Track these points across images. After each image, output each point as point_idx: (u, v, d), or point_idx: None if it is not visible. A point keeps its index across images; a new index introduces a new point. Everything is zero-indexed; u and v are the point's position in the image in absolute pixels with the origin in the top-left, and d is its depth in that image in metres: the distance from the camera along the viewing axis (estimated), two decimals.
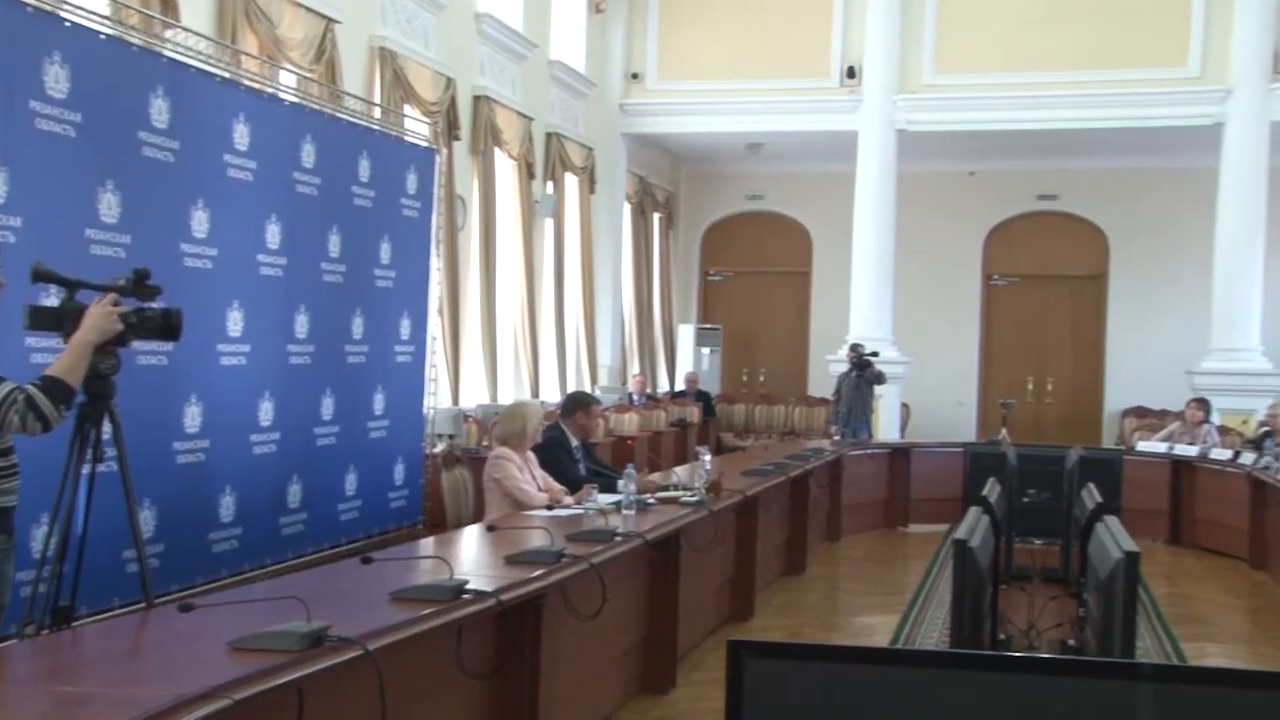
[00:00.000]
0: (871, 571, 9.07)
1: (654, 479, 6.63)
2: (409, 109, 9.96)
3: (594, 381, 14.32)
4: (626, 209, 15.65)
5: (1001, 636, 4.38)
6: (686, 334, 16.74)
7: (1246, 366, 13.02)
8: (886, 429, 13.60)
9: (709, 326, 17.03)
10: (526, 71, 12.72)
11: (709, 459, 6.67)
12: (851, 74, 14.25)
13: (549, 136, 13.31)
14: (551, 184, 13.35)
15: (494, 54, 12.02)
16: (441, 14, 10.86)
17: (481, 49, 11.77)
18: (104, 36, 5.72)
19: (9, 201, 5.00)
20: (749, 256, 17.77)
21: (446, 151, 10.07)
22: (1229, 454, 10.05)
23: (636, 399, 14.39)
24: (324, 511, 7.54)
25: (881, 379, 12.35)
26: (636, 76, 15.08)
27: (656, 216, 16.82)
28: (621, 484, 5.69)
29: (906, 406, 14.65)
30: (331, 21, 8.80)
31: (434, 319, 9.14)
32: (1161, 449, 10.78)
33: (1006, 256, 16.79)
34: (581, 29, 14.42)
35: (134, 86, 5.79)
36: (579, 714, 4.66)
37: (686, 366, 16.27)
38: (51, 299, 4.31)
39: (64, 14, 5.45)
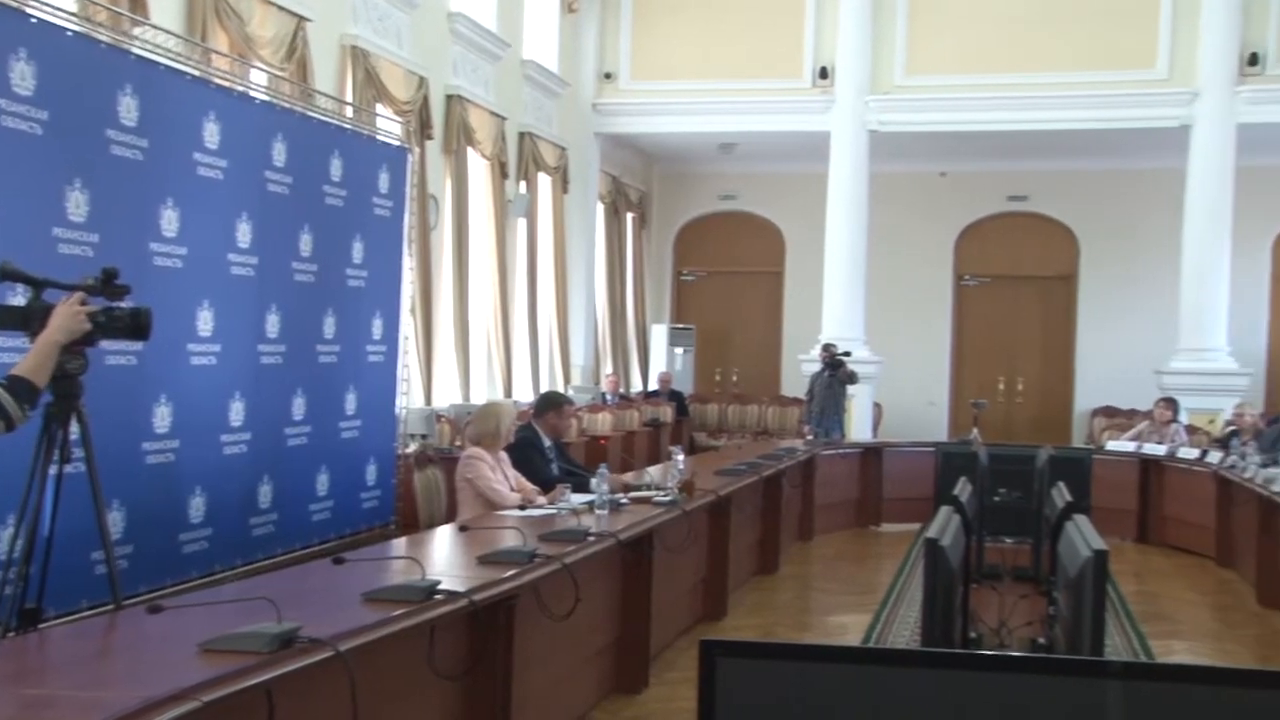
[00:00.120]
0: (844, 571, 9.10)
1: (627, 479, 6.63)
2: (381, 108, 9.92)
3: (567, 381, 14.31)
4: (600, 209, 15.64)
5: (972, 635, 4.41)
6: (660, 334, 16.75)
7: (1214, 366, 13.14)
8: (859, 429, 13.64)
9: (682, 326, 17.05)
10: (499, 71, 12.70)
11: (682, 459, 6.69)
12: (824, 75, 14.30)
13: (522, 136, 13.29)
14: (524, 183, 13.32)
15: (467, 53, 11.99)
16: (414, 13, 10.82)
17: (454, 48, 11.74)
18: (71, 33, 5.66)
19: None
20: (722, 256, 17.79)
21: (419, 151, 10.03)
22: (1196, 453, 10.13)
23: (610, 399, 14.39)
24: (295, 512, 7.50)
25: (854, 379, 12.39)
26: (610, 76, 15.07)
27: (630, 216, 16.82)
28: (594, 484, 5.70)
29: (879, 406, 14.71)
30: (303, 20, 8.75)
31: (406, 319, 9.11)
32: (1130, 448, 10.87)
33: (978, 257, 16.89)
34: (554, 28, 14.40)
35: (102, 84, 5.74)
36: (551, 714, 4.65)
37: (660, 366, 16.29)
38: (18, 298, 4.26)
39: (30, 10, 5.39)
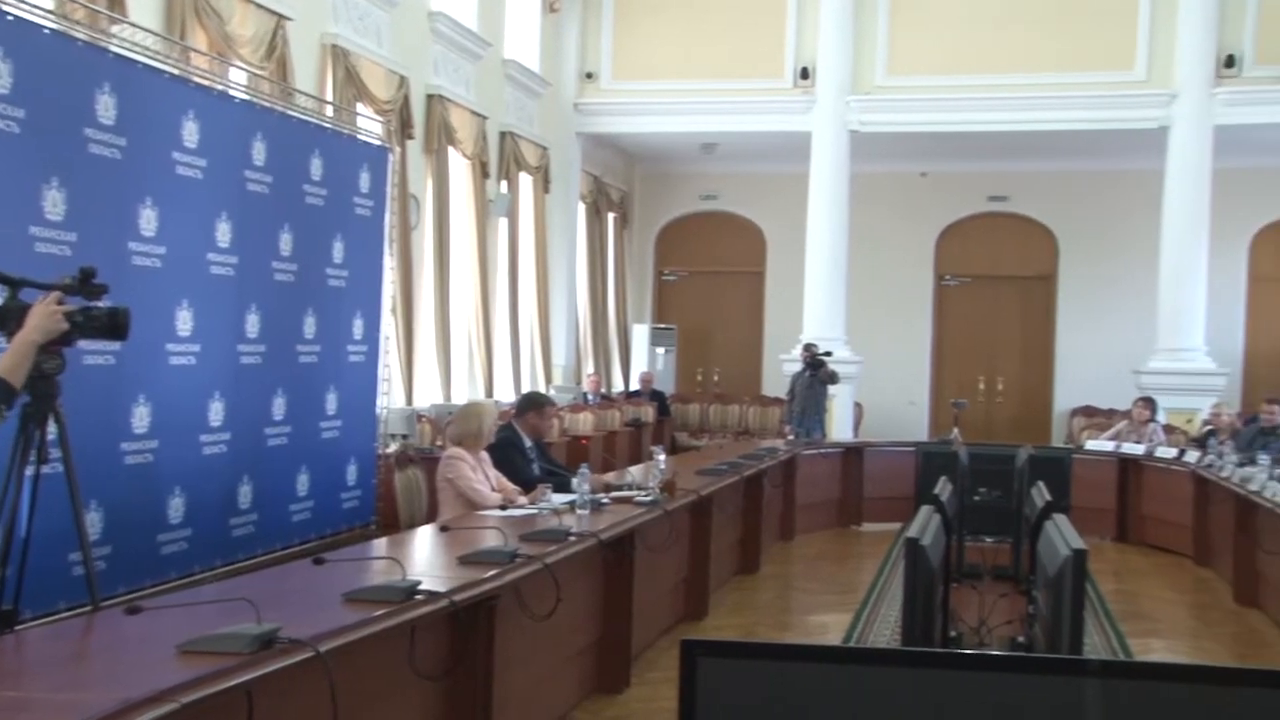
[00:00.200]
0: (824, 570, 9.12)
1: (608, 479, 6.64)
2: (361, 107, 9.89)
3: (548, 381, 14.29)
4: (581, 208, 15.63)
5: (952, 634, 4.42)
6: (641, 334, 16.75)
7: (1191, 366, 13.23)
8: (840, 428, 13.67)
9: (663, 326, 17.05)
10: (480, 70, 12.67)
11: (663, 459, 6.68)
12: (805, 75, 14.33)
13: (503, 135, 13.27)
14: (506, 183, 13.30)
15: (447, 52, 11.96)
16: (394, 12, 10.79)
17: (435, 47, 11.71)
18: (48, 31, 5.62)
19: None
20: (703, 256, 17.81)
21: (400, 150, 10.01)
22: (1174, 452, 10.20)
23: (591, 399, 14.38)
24: (275, 512, 7.47)
25: (835, 378, 12.41)
26: (591, 76, 15.06)
27: (611, 216, 16.81)
28: (575, 483, 5.69)
29: (859, 406, 14.74)
30: (283, 18, 8.71)
31: (387, 318, 9.09)
32: (1109, 448, 10.92)
33: (958, 257, 16.95)
34: (536, 28, 14.38)
35: (79, 82, 5.70)
36: (533, 714, 4.65)
37: (641, 366, 16.28)
38: None
39: (6, 8, 5.35)
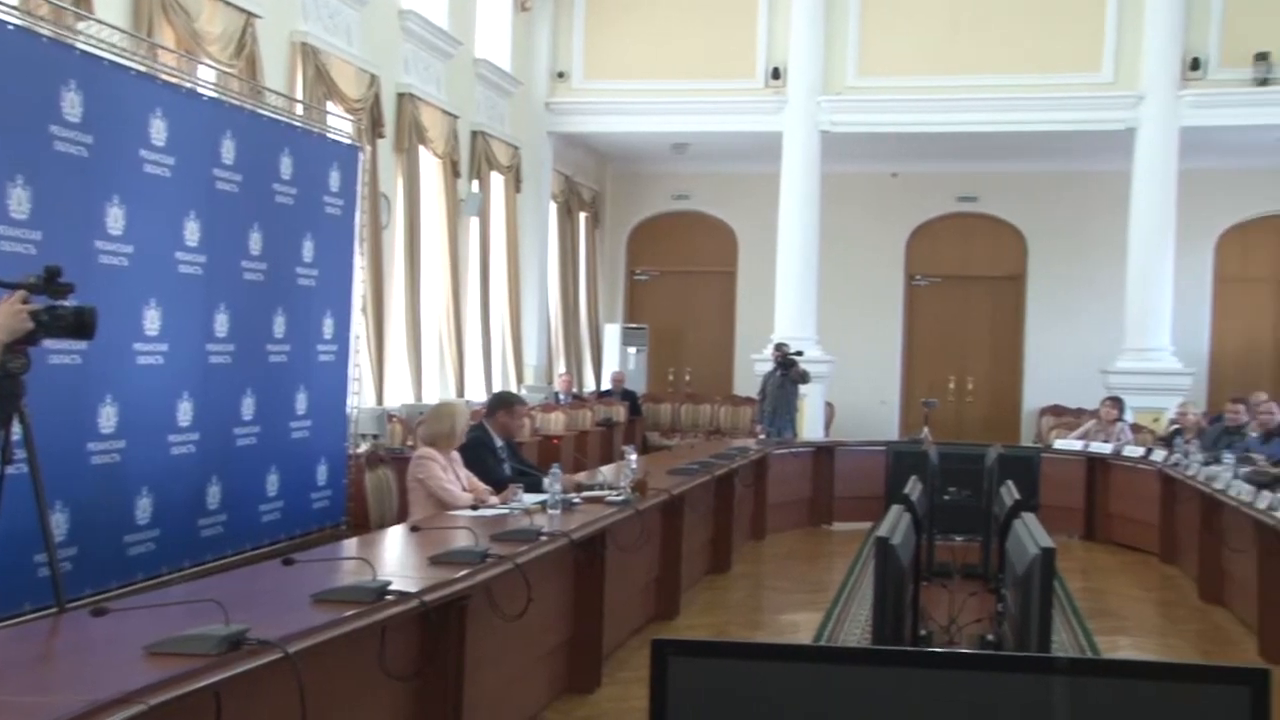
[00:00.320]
0: (796, 569, 9.15)
1: (580, 478, 6.63)
2: (332, 106, 9.84)
3: (520, 381, 14.27)
4: (552, 208, 15.61)
5: (922, 632, 4.45)
6: (612, 333, 16.75)
7: (1158, 366, 13.35)
8: (811, 428, 13.71)
9: (635, 326, 17.05)
10: (451, 69, 12.63)
11: (634, 458, 6.68)
12: (776, 75, 14.37)
13: (474, 135, 13.23)
14: (477, 182, 13.27)
15: (418, 51, 11.92)
16: (364, 10, 10.74)
17: (405, 46, 11.67)
18: (12, 27, 5.56)
19: None
20: (675, 256, 17.82)
21: (370, 149, 9.96)
22: (1141, 451, 10.28)
23: (562, 398, 14.37)
24: (245, 513, 7.43)
25: (806, 378, 12.44)
26: (562, 75, 15.05)
27: (582, 216, 16.79)
28: (547, 483, 5.69)
29: (830, 405, 14.80)
30: (252, 16, 8.65)
31: (357, 318, 9.05)
32: (1077, 447, 11.00)
33: (928, 257, 17.03)
34: (507, 27, 14.35)
35: (45, 79, 5.64)
36: (504, 714, 4.64)
37: (613, 366, 16.28)
38: None
39: None
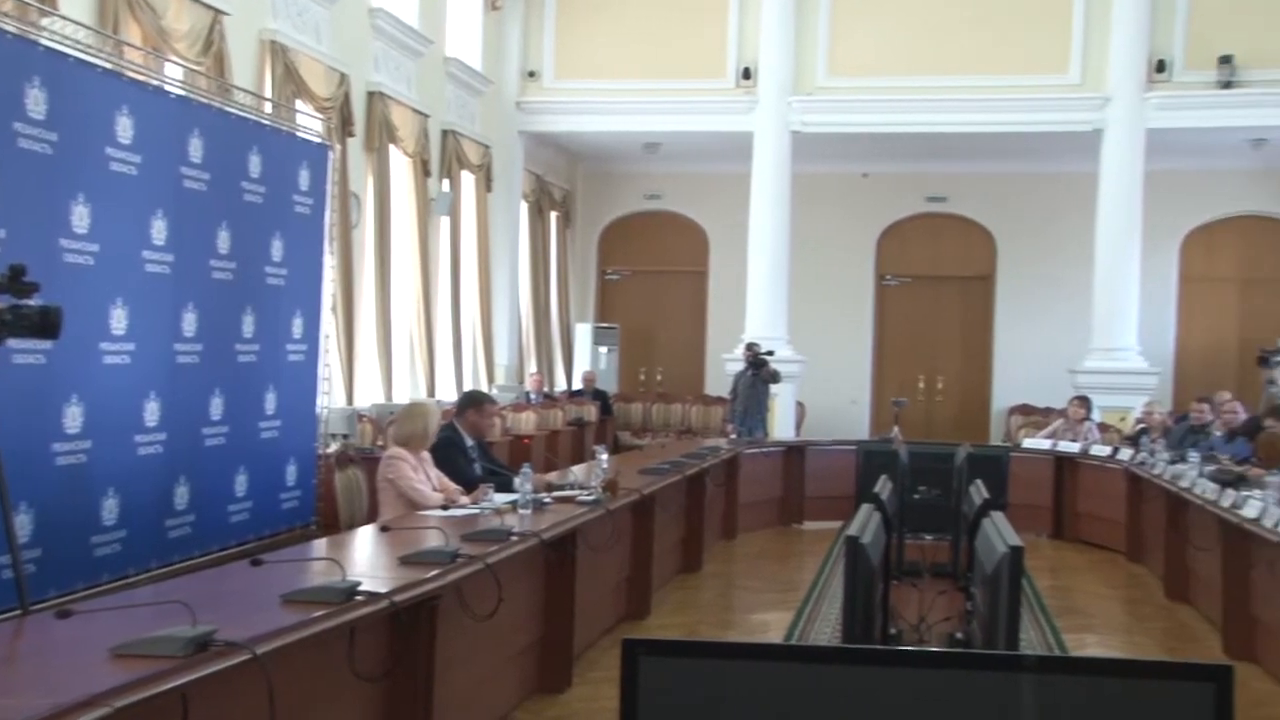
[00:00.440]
0: (766, 569, 9.17)
1: (550, 478, 6.62)
2: (301, 104, 9.78)
3: (491, 381, 14.23)
4: (524, 207, 15.58)
5: (892, 631, 4.46)
6: (584, 333, 16.73)
7: (1125, 365, 13.46)
8: (782, 427, 13.74)
9: (606, 325, 17.04)
10: (422, 68, 12.58)
11: (606, 458, 6.68)
12: (747, 75, 14.40)
13: (445, 134, 13.19)
14: (448, 182, 13.22)
15: (388, 49, 11.87)
16: (334, 8, 10.68)
17: (375, 44, 11.61)
18: None
19: None
20: (646, 256, 17.83)
21: (340, 148, 9.92)
22: (1108, 451, 10.36)
23: (534, 398, 14.34)
24: (213, 513, 7.38)
25: (777, 378, 12.47)
26: (533, 75, 15.02)
27: (554, 215, 16.77)
28: (518, 483, 5.67)
29: (801, 405, 14.84)
30: (220, 13, 8.59)
31: (327, 317, 9.00)
32: (1045, 446, 11.08)
33: (898, 257, 17.11)
34: (478, 26, 14.31)
35: (8, 76, 5.58)
36: (474, 715, 4.62)
37: (584, 365, 16.27)
38: None
39: None
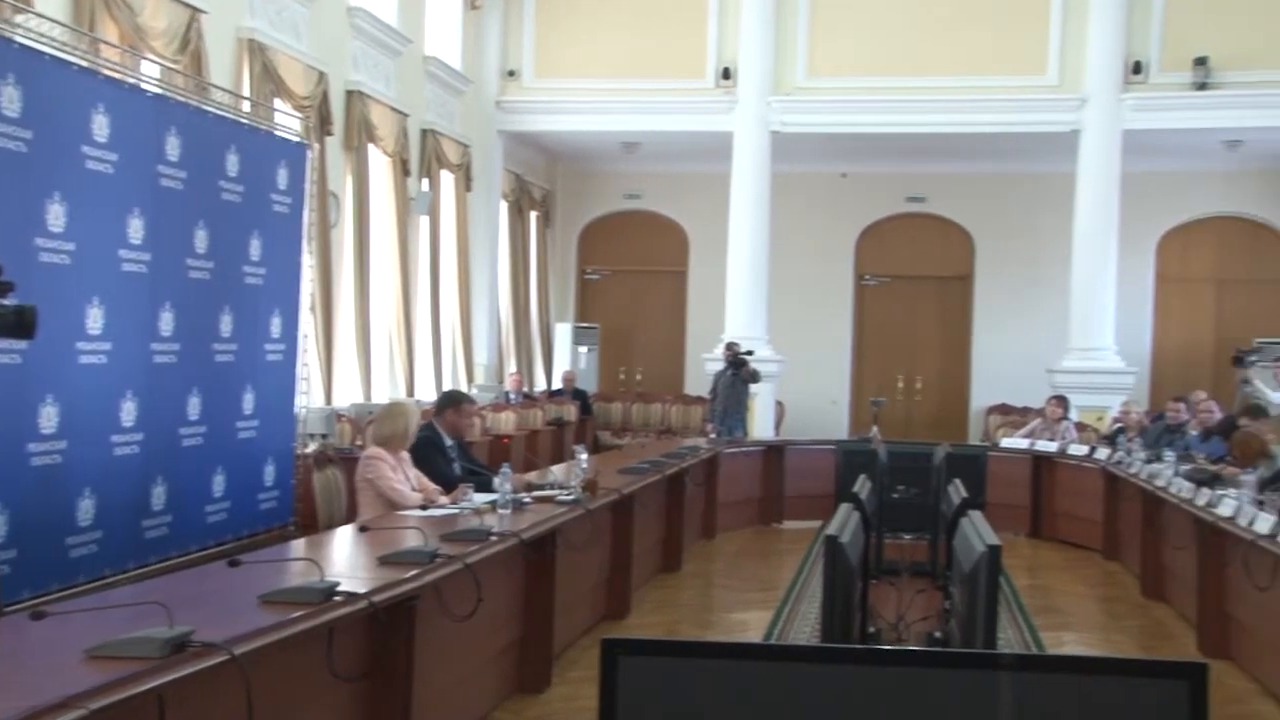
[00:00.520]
0: (746, 568, 9.18)
1: (530, 478, 6.61)
2: (279, 103, 9.73)
3: (470, 380, 14.20)
4: (503, 207, 15.55)
5: (871, 630, 4.48)
6: (564, 333, 16.72)
7: (1102, 365, 13.54)
8: (761, 427, 13.77)
9: (586, 325, 17.03)
10: (401, 67, 12.55)
11: (585, 457, 6.67)
12: (726, 75, 14.41)
13: (424, 133, 13.15)
14: (427, 181, 13.19)
15: (367, 48, 11.83)
16: (312, 6, 10.63)
17: (354, 43, 11.57)
18: None
19: None
20: (626, 255, 17.82)
21: (319, 147, 9.87)
22: (1085, 450, 10.42)
23: (513, 397, 14.32)
24: (190, 514, 7.33)
25: (756, 377, 12.49)
26: (513, 74, 15.00)
27: (533, 215, 16.75)
28: (497, 483, 5.66)
29: (781, 404, 14.86)
30: (197, 11, 8.54)
31: (306, 317, 8.97)
32: (1023, 445, 11.13)
33: (878, 257, 17.15)
34: (457, 25, 14.27)
35: None
36: (453, 715, 4.62)
37: (564, 365, 16.26)
38: None
39: None
